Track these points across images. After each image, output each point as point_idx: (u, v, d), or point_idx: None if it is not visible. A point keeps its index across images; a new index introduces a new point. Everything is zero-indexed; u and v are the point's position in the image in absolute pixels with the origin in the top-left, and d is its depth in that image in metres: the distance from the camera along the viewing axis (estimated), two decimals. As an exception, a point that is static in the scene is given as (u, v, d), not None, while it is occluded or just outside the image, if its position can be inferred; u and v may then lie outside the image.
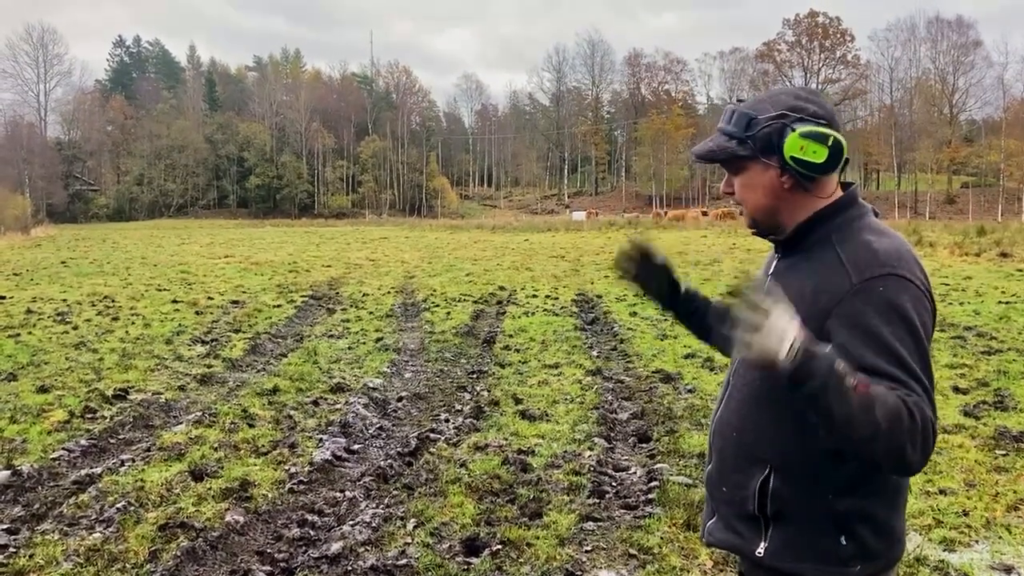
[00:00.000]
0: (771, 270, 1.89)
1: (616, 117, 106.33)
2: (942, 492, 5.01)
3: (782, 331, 1.53)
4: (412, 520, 4.64)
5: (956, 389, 7.53)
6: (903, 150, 78.28)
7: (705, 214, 52.62)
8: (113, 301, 14.82)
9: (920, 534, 4.43)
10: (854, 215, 1.77)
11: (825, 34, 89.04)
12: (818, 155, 1.70)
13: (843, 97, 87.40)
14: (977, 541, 4.39)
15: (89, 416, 6.91)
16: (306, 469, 5.52)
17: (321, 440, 6.20)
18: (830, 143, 1.70)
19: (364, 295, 15.84)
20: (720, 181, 1.94)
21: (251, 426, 6.59)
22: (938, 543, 4.35)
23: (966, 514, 4.69)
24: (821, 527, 1.71)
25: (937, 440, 1.59)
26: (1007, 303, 13.17)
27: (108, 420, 6.77)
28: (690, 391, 7.69)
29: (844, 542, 1.70)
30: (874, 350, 1.59)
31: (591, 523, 4.65)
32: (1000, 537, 4.43)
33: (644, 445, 6.14)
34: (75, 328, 11.69)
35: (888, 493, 1.73)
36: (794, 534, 1.73)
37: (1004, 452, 5.77)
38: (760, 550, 1.78)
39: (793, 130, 1.70)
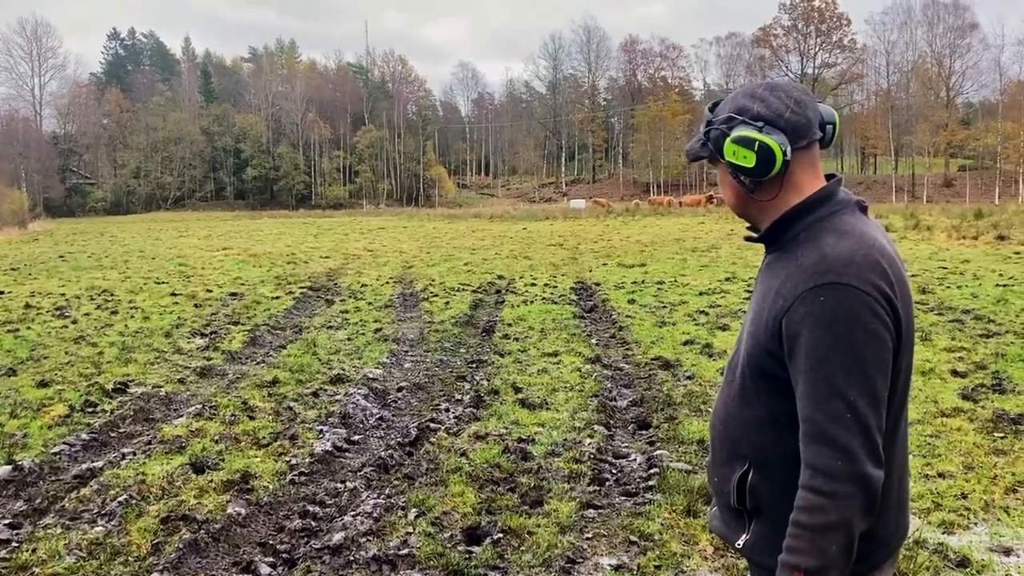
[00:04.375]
0: (762, 266, 1.88)
1: (613, 104, 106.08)
2: (941, 475, 5.04)
3: None
4: (413, 510, 4.66)
5: (954, 372, 7.55)
6: (900, 134, 78.10)
7: (711, 199, 52.77)
8: (112, 295, 14.81)
9: (919, 517, 4.45)
10: (825, 213, 1.73)
11: (821, 18, 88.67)
12: (748, 160, 1.69)
13: (840, 81, 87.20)
14: (976, 524, 4.41)
15: (89, 410, 6.93)
16: (307, 460, 5.54)
17: (321, 431, 6.22)
18: (756, 148, 1.67)
19: (363, 286, 15.84)
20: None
21: (251, 418, 6.60)
22: (937, 526, 4.37)
23: (965, 497, 4.72)
24: None
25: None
26: (1005, 286, 13.19)
27: (108, 414, 6.78)
28: (689, 378, 7.70)
29: None
30: (804, 365, 1.59)
31: (592, 510, 4.67)
32: (999, 519, 4.45)
33: (644, 432, 6.16)
34: (74, 322, 11.70)
35: None
36: (771, 529, 1.73)
37: (1002, 435, 5.79)
38: (740, 541, 1.81)
39: (729, 135, 1.71)
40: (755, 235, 1.86)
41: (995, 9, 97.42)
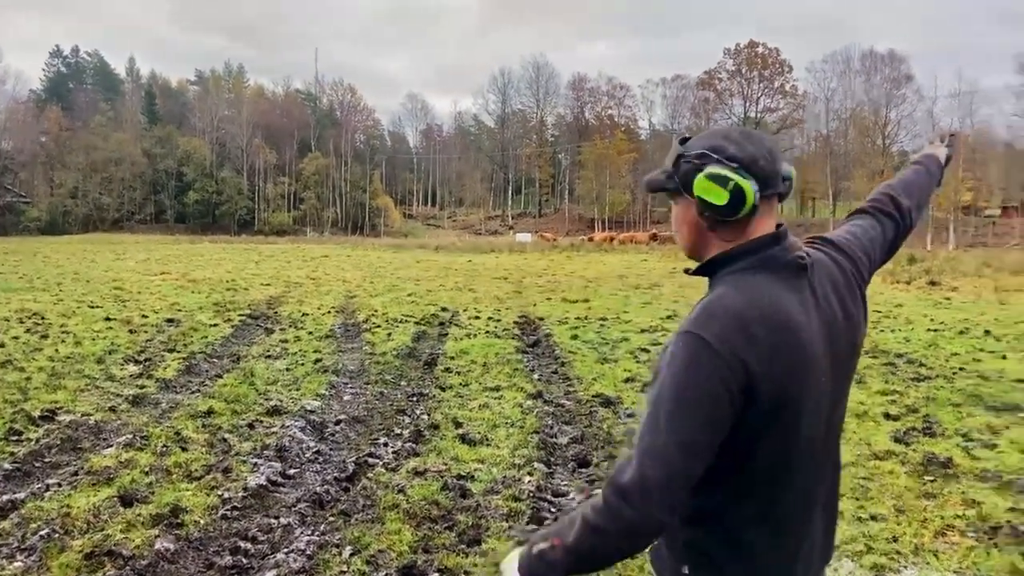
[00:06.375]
0: None
1: (560, 140, 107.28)
2: (873, 518, 5.12)
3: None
4: (348, 547, 4.57)
5: (887, 416, 7.70)
6: (838, 179, 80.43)
7: (654, 237, 53.93)
8: (43, 318, 14.37)
9: (852, 560, 4.51)
10: (739, 268, 1.76)
11: (764, 64, 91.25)
12: (719, 198, 1.71)
13: (781, 126, 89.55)
14: (906, 567, 4.48)
15: (14, 438, 6.67)
16: (240, 494, 5.40)
17: (256, 464, 6.08)
18: (730, 187, 1.70)
19: (303, 315, 15.63)
20: (662, 206, 1.96)
21: (184, 449, 6.43)
22: (869, 569, 4.43)
23: (896, 540, 4.79)
24: (673, 551, 1.83)
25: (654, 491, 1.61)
26: (935, 331, 13.57)
27: (34, 443, 6.54)
28: (629, 416, 7.73)
29: (687, 572, 1.80)
30: (649, 395, 1.70)
31: (530, 550, 4.63)
32: (927, 563, 4.53)
33: (583, 470, 6.15)
34: (1, 346, 11.30)
35: (726, 536, 1.75)
36: (661, 551, 1.87)
37: (932, 478, 5.91)
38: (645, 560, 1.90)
39: (702, 170, 1.73)
40: (693, 270, 1.89)
41: (929, 63, 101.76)
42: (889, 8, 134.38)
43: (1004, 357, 11.08)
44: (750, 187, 1.71)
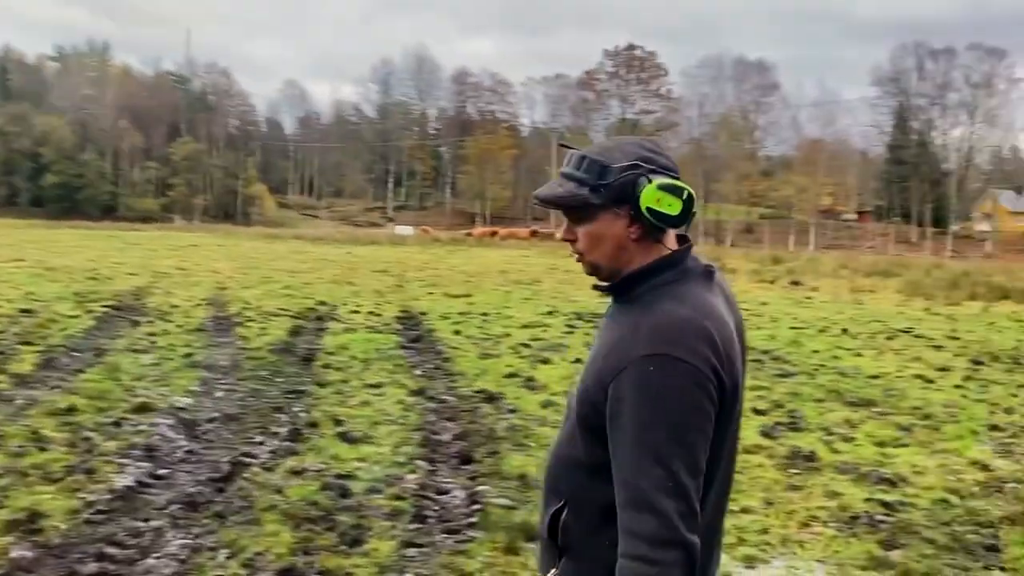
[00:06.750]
0: (608, 313, 1.88)
1: (443, 134, 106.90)
2: (744, 511, 5.32)
3: None
4: (224, 551, 4.41)
5: (756, 411, 8.02)
6: (709, 181, 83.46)
7: (535, 233, 54.57)
8: None
9: (726, 552, 4.67)
10: (669, 279, 1.74)
11: (642, 67, 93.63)
12: (673, 208, 1.68)
13: (657, 128, 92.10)
14: (775, 558, 4.69)
15: None
16: (105, 497, 5.13)
17: (123, 465, 5.79)
18: (684, 196, 1.69)
19: (172, 307, 14.99)
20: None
21: (42, 450, 6.05)
22: (741, 560, 4.61)
23: (766, 532, 5.00)
24: (597, 570, 1.71)
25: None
26: (798, 328, 14.26)
27: None
28: (512, 411, 7.78)
29: None
30: (629, 431, 1.60)
31: (412, 549, 4.59)
32: (794, 553, 4.75)
33: (466, 467, 6.14)
34: None
35: None
36: (576, 567, 1.76)
37: (797, 471, 6.20)
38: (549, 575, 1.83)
39: (649, 181, 1.69)
40: (604, 285, 1.84)
41: (795, 72, 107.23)
42: (758, 17, 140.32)
43: (859, 354, 11.77)
44: (695, 195, 1.72)
